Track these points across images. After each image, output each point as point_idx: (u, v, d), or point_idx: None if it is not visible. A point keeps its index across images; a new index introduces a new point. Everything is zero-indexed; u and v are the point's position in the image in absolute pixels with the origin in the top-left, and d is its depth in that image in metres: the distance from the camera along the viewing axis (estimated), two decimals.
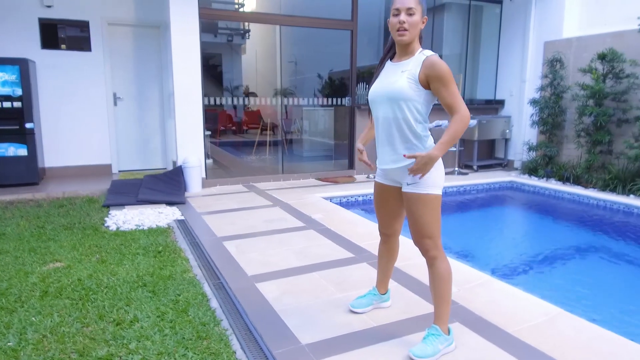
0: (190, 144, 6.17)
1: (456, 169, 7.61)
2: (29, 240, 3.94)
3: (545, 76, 7.29)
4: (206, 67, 6.24)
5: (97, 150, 6.97)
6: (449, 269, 2.28)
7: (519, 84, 7.98)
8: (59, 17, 6.49)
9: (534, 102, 7.29)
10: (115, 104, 7.07)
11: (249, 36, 12.82)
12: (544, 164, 7.24)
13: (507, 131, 8.11)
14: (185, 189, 5.90)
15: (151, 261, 3.48)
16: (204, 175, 6.35)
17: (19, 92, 5.77)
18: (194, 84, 6.09)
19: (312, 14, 7.02)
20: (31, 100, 5.88)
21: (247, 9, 9.27)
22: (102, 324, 2.54)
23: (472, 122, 7.28)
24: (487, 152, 8.57)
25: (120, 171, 7.20)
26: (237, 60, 13.44)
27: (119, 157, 7.20)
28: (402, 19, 2.13)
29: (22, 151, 5.87)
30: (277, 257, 3.63)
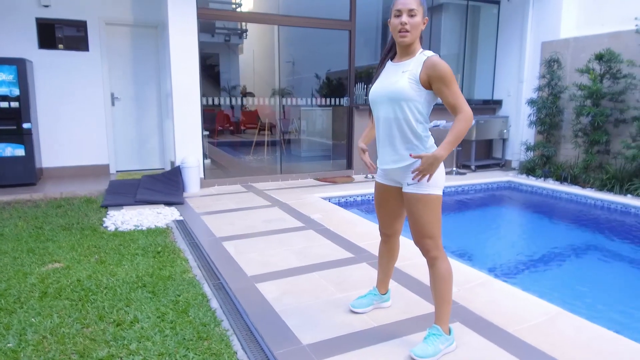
0: (188, 144, 6.16)
1: (454, 169, 7.62)
2: (27, 240, 3.93)
3: (542, 76, 7.32)
4: (203, 67, 6.22)
5: (95, 150, 6.94)
6: (449, 269, 2.28)
7: (517, 84, 8.00)
8: (56, 17, 6.47)
9: (531, 102, 7.31)
10: (112, 104, 7.05)
11: (246, 36, 12.80)
12: (542, 164, 7.26)
13: (504, 131, 8.13)
14: (183, 189, 5.89)
15: (150, 262, 3.47)
16: (202, 175, 6.34)
17: (16, 92, 5.75)
18: (192, 84, 6.08)
19: (310, 14, 7.02)
20: (28, 100, 5.86)
21: (244, 9, 9.26)
22: (102, 324, 2.53)
23: None
24: (485, 152, 8.59)
25: (118, 171, 7.18)
26: (234, 60, 13.41)
27: (117, 157, 7.18)
28: (403, 20, 2.13)
29: (20, 151, 5.85)
30: (277, 257, 3.63)
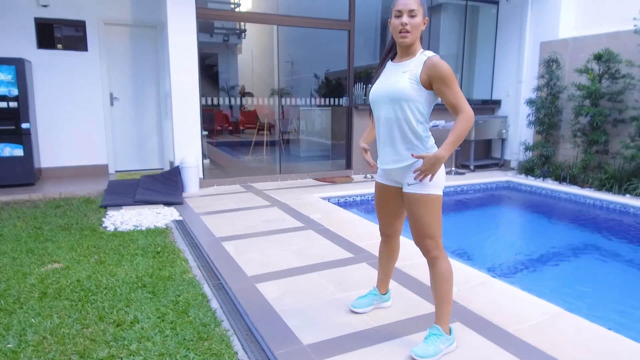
0: (187, 144, 6.15)
1: (453, 169, 7.63)
2: (27, 241, 3.92)
3: (541, 76, 7.33)
4: (202, 67, 6.22)
5: (94, 150, 6.93)
6: (450, 269, 2.28)
7: (516, 84, 8.01)
8: (55, 17, 6.45)
9: (530, 102, 7.32)
10: (111, 104, 7.04)
11: (245, 36, 12.78)
12: (541, 164, 7.27)
13: (503, 131, 8.14)
14: (182, 190, 5.88)
15: (150, 262, 3.47)
16: (202, 175, 6.34)
17: (15, 92, 5.74)
18: (191, 84, 6.08)
19: (309, 14, 7.02)
20: (27, 100, 5.85)
21: (243, 9, 9.26)
22: (102, 325, 2.53)
23: None
24: (484, 152, 8.60)
25: (117, 171, 7.17)
26: (233, 60, 13.40)
27: (116, 157, 7.17)
28: (404, 21, 2.13)
29: (18, 151, 5.84)
30: (277, 257, 3.62)
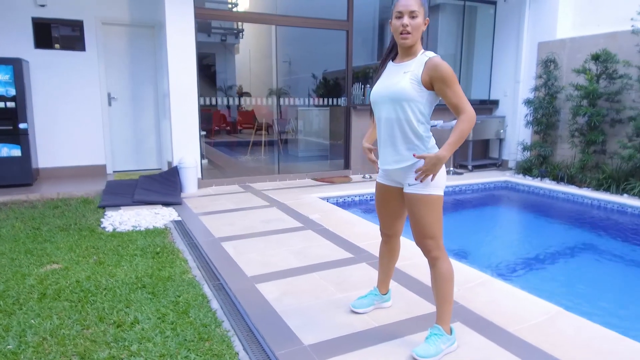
0: (186, 144, 6.15)
1: (451, 169, 7.64)
2: (25, 241, 3.90)
3: (539, 76, 7.35)
4: (200, 67, 6.21)
5: (92, 150, 6.91)
6: (451, 269, 2.29)
7: (513, 84, 8.03)
8: (52, 17, 6.43)
9: (528, 102, 7.34)
10: (109, 104, 7.02)
11: (242, 36, 12.78)
12: (538, 164, 7.29)
13: (501, 131, 8.16)
14: (181, 190, 5.87)
15: (149, 262, 3.46)
16: (200, 175, 6.33)
17: (13, 92, 5.71)
18: (190, 84, 6.07)
19: (307, 14, 7.02)
20: (25, 100, 5.82)
21: (241, 9, 9.24)
22: (102, 326, 2.52)
23: None
24: (482, 152, 8.62)
25: (115, 172, 7.15)
26: (230, 60, 13.39)
27: (114, 157, 7.15)
28: (405, 22, 2.14)
29: (16, 152, 5.81)
30: (276, 257, 3.62)
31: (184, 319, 2.59)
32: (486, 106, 8.44)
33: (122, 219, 4.57)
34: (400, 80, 2.19)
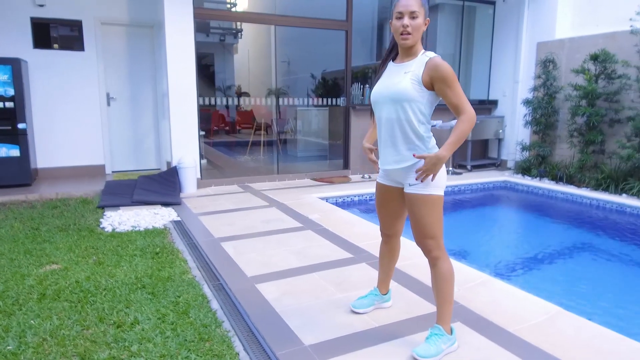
0: (185, 144, 6.14)
1: (450, 169, 7.65)
2: (24, 242, 3.90)
3: (538, 77, 7.36)
4: (198, 66, 6.21)
5: (91, 150, 6.90)
6: (451, 269, 2.29)
7: (512, 85, 8.04)
8: (51, 17, 6.42)
9: (527, 102, 7.35)
10: (108, 104, 7.01)
11: (241, 36, 12.77)
12: (537, 164, 7.30)
13: (500, 131, 8.17)
14: (180, 190, 5.86)
15: (149, 262, 3.46)
16: (199, 175, 6.32)
17: (11, 92, 5.70)
18: (189, 84, 6.06)
19: (306, 14, 7.02)
20: (23, 100, 5.81)
21: (240, 9, 9.23)
22: (102, 326, 2.52)
23: None
24: (481, 152, 8.63)
25: (113, 172, 7.14)
26: (229, 60, 13.38)
27: (113, 157, 7.14)
28: (405, 23, 2.14)
29: (15, 152, 5.80)
30: (276, 257, 3.62)
31: (184, 319, 2.59)
32: (485, 106, 8.45)
33: (121, 219, 4.57)
34: (401, 80, 2.19)
